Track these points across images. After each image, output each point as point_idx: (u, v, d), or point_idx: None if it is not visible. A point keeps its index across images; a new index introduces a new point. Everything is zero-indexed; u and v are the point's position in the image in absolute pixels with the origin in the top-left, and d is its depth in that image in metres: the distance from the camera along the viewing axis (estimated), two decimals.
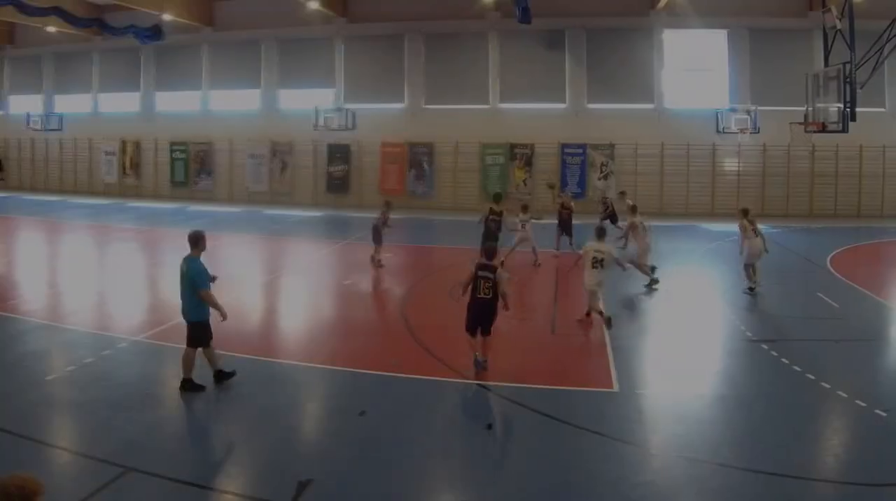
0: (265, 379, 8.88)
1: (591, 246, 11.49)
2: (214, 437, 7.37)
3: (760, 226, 14.04)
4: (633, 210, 15.60)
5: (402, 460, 6.77)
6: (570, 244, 17.98)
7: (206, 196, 30.68)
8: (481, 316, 9.19)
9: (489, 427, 7.63)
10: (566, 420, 7.68)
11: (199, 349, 8.38)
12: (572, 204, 19.40)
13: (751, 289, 13.87)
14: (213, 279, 8.44)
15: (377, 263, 16.38)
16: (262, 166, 29.93)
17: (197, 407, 8.09)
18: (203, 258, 8.43)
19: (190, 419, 7.83)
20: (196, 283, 8.17)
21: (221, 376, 8.53)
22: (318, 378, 9.16)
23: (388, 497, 6.17)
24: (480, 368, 9.03)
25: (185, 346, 8.38)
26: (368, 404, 8.07)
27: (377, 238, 16.26)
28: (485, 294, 9.13)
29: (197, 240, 8.40)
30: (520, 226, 16.56)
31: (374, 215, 16.87)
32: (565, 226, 18.40)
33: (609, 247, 11.70)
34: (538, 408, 8.01)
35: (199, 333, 8.31)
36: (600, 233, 11.80)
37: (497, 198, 17.05)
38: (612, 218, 20.47)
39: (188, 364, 8.35)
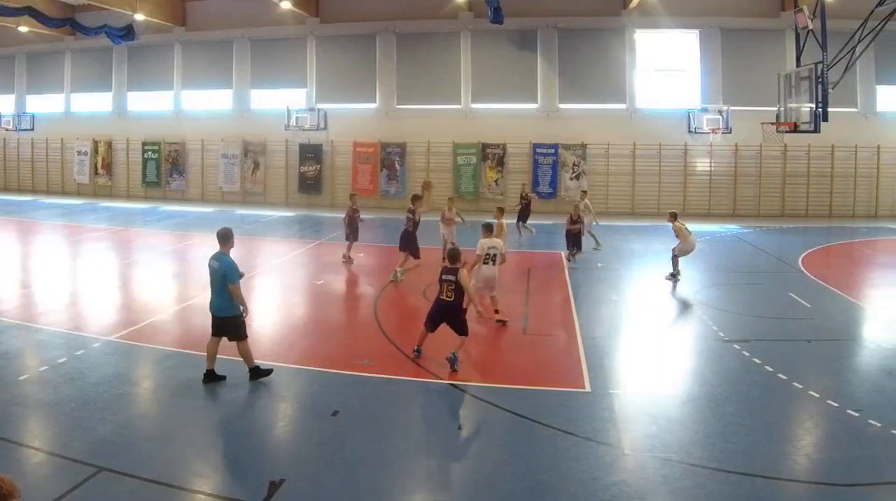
0: (237, 379, 8.71)
1: (485, 242, 11.40)
2: (187, 437, 7.20)
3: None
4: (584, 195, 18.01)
5: (374, 460, 6.70)
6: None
7: (178, 196, 30.14)
8: (443, 317, 9.26)
9: (460, 428, 7.59)
10: (539, 420, 7.60)
11: (219, 339, 8.53)
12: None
13: (673, 276, 14.38)
14: (242, 275, 8.57)
15: (348, 259, 16.39)
16: (234, 166, 29.35)
17: (169, 407, 7.96)
18: (232, 254, 8.58)
19: (162, 419, 7.69)
20: (228, 277, 8.29)
21: (250, 371, 8.67)
22: (291, 378, 9.00)
23: (360, 498, 6.08)
24: (453, 367, 8.98)
25: (216, 340, 8.54)
26: (341, 404, 8.01)
27: (353, 232, 16.39)
28: (447, 296, 9.16)
29: (226, 237, 8.56)
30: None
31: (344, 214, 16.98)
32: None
33: (500, 241, 11.76)
34: (511, 408, 7.93)
35: (235, 327, 8.47)
36: (489, 228, 11.73)
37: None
38: (524, 215, 20.24)
39: (246, 354, 8.57)
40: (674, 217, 14.81)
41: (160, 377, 8.95)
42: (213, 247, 8.68)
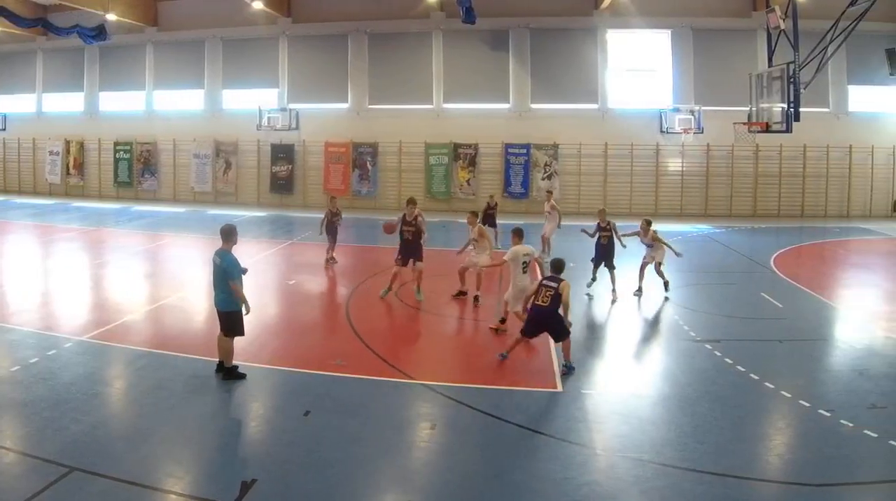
0: (209, 379, 8.62)
1: (518, 249, 10.64)
2: (159, 437, 7.08)
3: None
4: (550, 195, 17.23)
5: (346, 460, 6.63)
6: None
7: (150, 196, 29.56)
8: (541, 323, 9.07)
9: (432, 427, 7.48)
10: (511, 420, 7.53)
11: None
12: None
13: (665, 285, 13.28)
14: (245, 271, 8.55)
15: (331, 261, 15.84)
16: (206, 166, 28.80)
17: (141, 407, 7.85)
18: (234, 251, 8.58)
19: (134, 419, 7.58)
20: (229, 274, 8.28)
21: (225, 372, 8.58)
22: (263, 378, 8.84)
23: (332, 497, 6.01)
24: (569, 372, 8.91)
25: (221, 335, 8.54)
26: (313, 404, 7.92)
27: (332, 233, 15.83)
28: (543, 302, 8.98)
29: (229, 234, 8.56)
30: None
31: (319, 215, 16.55)
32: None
33: (532, 248, 11.07)
34: (483, 408, 7.85)
35: (233, 323, 8.44)
36: (520, 234, 10.92)
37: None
38: (491, 219, 18.86)
39: (227, 353, 8.54)
40: (648, 224, 13.52)
41: (132, 377, 8.82)
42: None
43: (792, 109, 15.93)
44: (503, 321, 10.82)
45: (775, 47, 17.42)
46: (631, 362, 9.91)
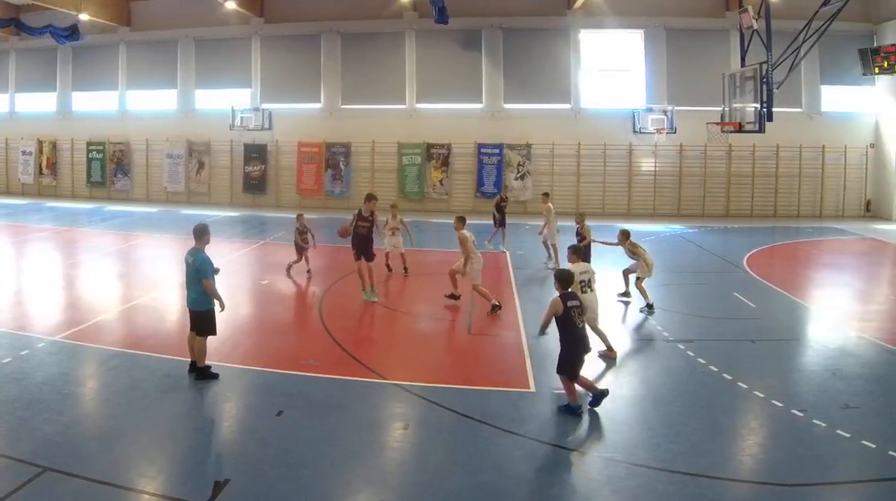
0: (182, 379, 8.53)
1: (576, 267, 9.42)
2: (132, 437, 7.00)
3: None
4: (546, 197, 17.07)
5: (319, 460, 6.57)
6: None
7: (123, 196, 29.01)
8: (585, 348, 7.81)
9: (405, 427, 7.41)
10: (483, 420, 7.43)
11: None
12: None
13: (649, 307, 12.20)
14: (217, 271, 8.54)
15: (290, 269, 14.99)
16: (179, 166, 28.26)
17: (114, 407, 7.74)
18: (206, 250, 8.57)
19: (107, 419, 7.48)
20: (202, 273, 8.26)
21: (197, 372, 8.49)
22: (235, 378, 8.75)
23: (305, 497, 5.95)
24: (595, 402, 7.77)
25: (193, 335, 8.48)
26: (286, 404, 7.84)
27: (299, 252, 14.93)
28: (580, 325, 7.73)
29: (202, 233, 8.54)
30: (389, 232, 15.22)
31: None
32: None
33: (589, 265, 10.11)
34: (455, 408, 7.76)
35: (204, 322, 8.41)
36: (577, 252, 9.84)
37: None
38: (501, 213, 18.64)
39: (200, 353, 8.46)
40: (625, 236, 12.68)
41: (105, 377, 8.73)
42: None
43: (765, 109, 15.77)
44: (610, 348, 9.73)
45: (748, 47, 17.26)
46: (604, 362, 9.71)
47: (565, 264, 10.45)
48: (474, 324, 11.37)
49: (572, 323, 7.58)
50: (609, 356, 9.55)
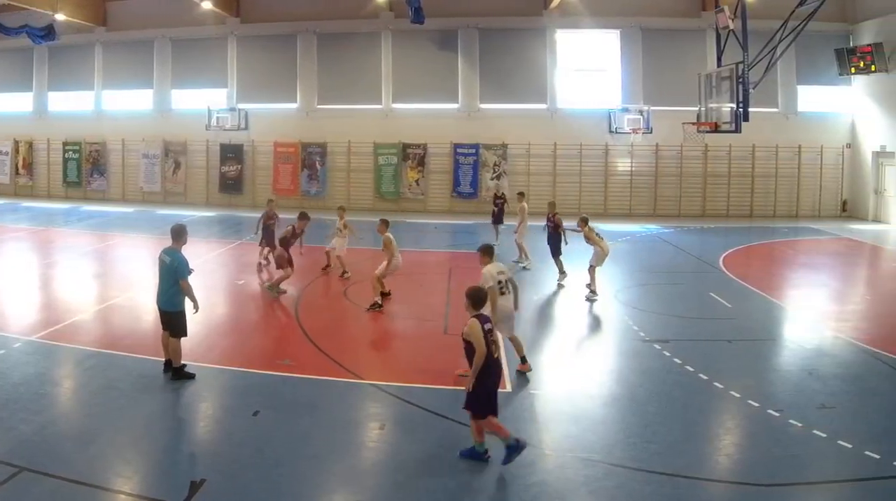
0: (158, 379, 8.48)
1: (491, 268, 8.63)
2: (108, 437, 6.95)
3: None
4: (522, 197, 17.05)
5: (294, 460, 6.53)
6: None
7: (99, 196, 28.55)
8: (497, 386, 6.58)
9: (381, 427, 7.34)
10: (460, 421, 7.23)
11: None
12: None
13: (592, 293, 12.74)
14: (191, 271, 8.51)
15: (265, 264, 15.46)
16: (155, 166, 27.83)
17: (90, 407, 7.72)
18: (183, 250, 8.57)
19: (84, 419, 7.44)
20: (179, 273, 8.27)
21: (173, 372, 8.43)
22: (212, 378, 8.72)
23: (282, 497, 5.93)
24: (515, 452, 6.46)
25: (167, 334, 8.46)
26: (262, 404, 7.80)
27: (267, 237, 15.29)
28: (497, 354, 6.60)
29: (179, 233, 8.55)
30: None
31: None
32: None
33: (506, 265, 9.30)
34: (431, 408, 7.71)
35: (176, 323, 8.39)
36: (487, 252, 8.88)
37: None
38: (499, 217, 18.83)
39: (175, 353, 8.41)
40: (584, 222, 13.13)
41: (82, 377, 8.67)
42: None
43: (741, 109, 15.59)
44: (524, 360, 9.03)
45: (724, 47, 17.10)
46: (580, 362, 9.69)
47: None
48: (450, 324, 11.12)
49: (488, 352, 6.36)
50: (522, 369, 8.79)
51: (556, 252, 14.38)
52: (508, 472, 6.31)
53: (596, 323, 11.72)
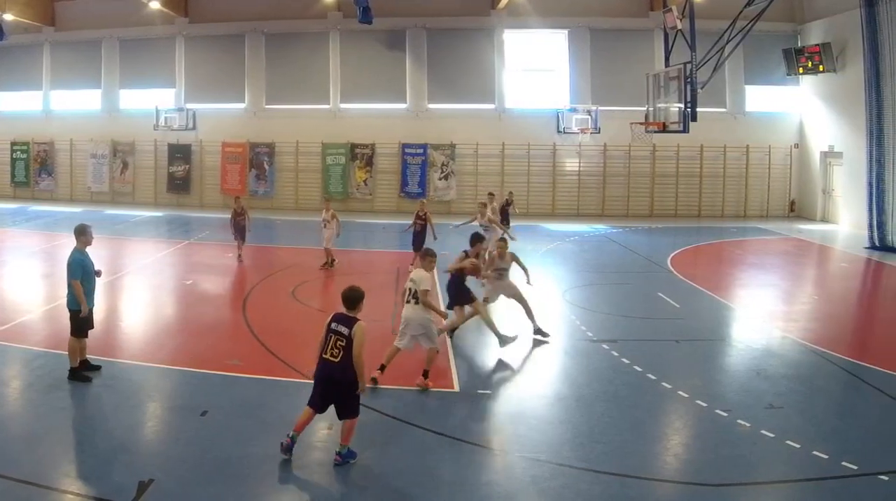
0: (106, 379, 8.31)
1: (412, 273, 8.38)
2: (56, 437, 6.85)
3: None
4: (491, 198, 16.39)
5: (243, 460, 6.39)
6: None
7: (47, 196, 27.62)
8: (328, 390, 6.23)
9: (329, 428, 7.00)
10: (408, 421, 7.28)
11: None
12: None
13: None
14: (98, 273, 8.38)
15: (240, 259, 16.01)
16: (103, 166, 26.98)
17: (38, 407, 7.57)
18: (88, 250, 8.41)
19: (30, 418, 7.32)
20: (69, 272, 8.09)
21: (70, 371, 8.20)
22: (159, 378, 8.59)
23: (229, 498, 5.76)
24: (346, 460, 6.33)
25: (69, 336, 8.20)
26: (210, 404, 7.66)
27: (238, 232, 16.08)
28: (332, 356, 6.15)
29: (81, 233, 8.41)
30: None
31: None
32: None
33: (424, 273, 8.52)
34: (379, 409, 7.54)
35: (73, 322, 8.16)
36: (427, 256, 8.71)
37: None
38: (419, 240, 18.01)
39: (72, 352, 8.19)
40: (484, 205, 13.23)
41: (29, 377, 8.45)
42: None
43: (689, 109, 15.40)
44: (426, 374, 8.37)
45: (672, 47, 16.81)
46: (527, 362, 9.46)
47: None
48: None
49: (322, 348, 6.16)
50: (422, 384, 8.17)
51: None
52: (457, 473, 6.21)
53: (543, 323, 11.02)
